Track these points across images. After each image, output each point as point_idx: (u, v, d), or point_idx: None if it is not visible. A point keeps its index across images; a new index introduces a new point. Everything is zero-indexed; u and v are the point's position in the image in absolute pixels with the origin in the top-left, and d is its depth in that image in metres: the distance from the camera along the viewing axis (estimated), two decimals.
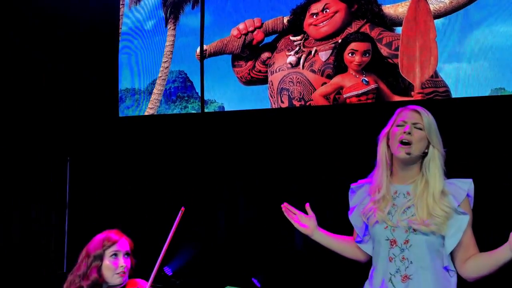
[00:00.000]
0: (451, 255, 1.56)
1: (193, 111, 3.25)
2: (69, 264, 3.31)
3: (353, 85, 2.76)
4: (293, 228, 2.96)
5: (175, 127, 3.28)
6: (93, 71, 3.48)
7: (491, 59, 2.43)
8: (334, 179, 2.73)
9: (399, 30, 2.66)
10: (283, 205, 1.78)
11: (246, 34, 3.06)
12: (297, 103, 2.92)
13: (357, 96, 2.75)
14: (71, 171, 3.48)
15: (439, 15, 2.56)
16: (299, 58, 2.92)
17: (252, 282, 2.85)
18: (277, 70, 3.00)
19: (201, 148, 3.19)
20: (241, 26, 3.08)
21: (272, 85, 3.02)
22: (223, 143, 3.12)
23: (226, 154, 3.11)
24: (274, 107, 3.01)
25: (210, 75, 3.19)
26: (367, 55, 2.73)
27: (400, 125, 1.62)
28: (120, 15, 3.48)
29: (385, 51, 2.69)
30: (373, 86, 2.72)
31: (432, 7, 2.58)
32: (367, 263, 1.74)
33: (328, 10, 2.85)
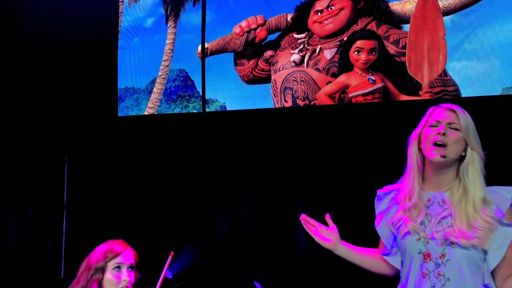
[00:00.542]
0: (491, 271, 1.43)
1: (194, 111, 3.22)
2: (66, 268, 3.27)
3: (359, 84, 2.71)
4: (296, 230, 2.95)
5: (176, 127, 3.25)
6: (92, 69, 3.44)
7: (502, 57, 2.38)
8: (340, 181, 2.69)
9: (406, 27, 2.61)
10: (301, 217, 1.62)
11: (248, 32, 3.02)
12: (301, 103, 2.87)
13: (363, 95, 2.69)
14: (69, 172, 3.44)
15: (448, 12, 2.52)
16: (303, 57, 2.88)
17: (254, 286, 2.80)
18: (281, 69, 2.95)
19: (202, 149, 3.15)
20: (243, 23, 3.04)
21: (276, 84, 2.97)
22: (225, 143, 3.09)
23: (228, 155, 3.07)
24: (277, 106, 2.97)
25: (211, 74, 3.15)
26: (374, 53, 2.67)
27: (433, 125, 1.48)
28: (119, 12, 3.45)
29: (392, 49, 2.64)
30: (379, 85, 2.67)
31: (441, 4, 2.53)
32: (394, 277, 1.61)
33: (333, 7, 2.80)
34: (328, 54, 2.82)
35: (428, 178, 1.50)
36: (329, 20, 2.82)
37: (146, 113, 3.36)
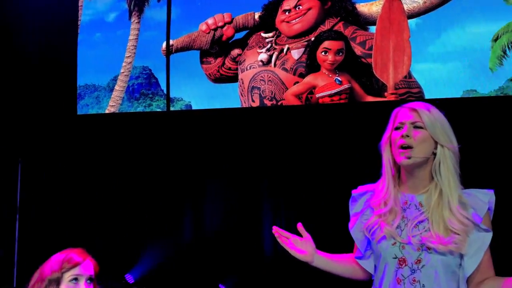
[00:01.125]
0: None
1: (158, 109, 3.15)
2: (19, 277, 3.13)
3: (326, 84, 2.72)
4: (262, 232, 2.94)
5: (139, 126, 3.17)
6: (49, 65, 3.31)
7: (464, 60, 2.45)
8: (307, 181, 2.71)
9: (373, 29, 2.65)
10: (273, 230, 1.53)
11: (215, 29, 2.98)
12: (268, 103, 2.86)
13: (330, 96, 2.71)
14: (23, 174, 3.30)
15: (413, 15, 2.58)
16: (270, 56, 2.86)
17: None
18: (248, 68, 2.92)
19: (166, 149, 3.09)
20: (210, 20, 2.99)
21: (243, 83, 2.94)
22: (190, 143, 3.04)
23: (193, 156, 3.03)
24: (244, 106, 2.94)
25: (176, 72, 3.09)
26: (341, 54, 2.68)
27: (398, 127, 1.44)
28: (79, 5, 3.33)
29: (358, 50, 2.67)
30: (346, 86, 2.69)
31: (406, 7, 2.58)
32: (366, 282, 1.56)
33: (301, 7, 2.80)
34: (296, 54, 2.82)
35: (405, 180, 1.47)
36: (296, 20, 2.82)
37: (107, 111, 3.27)
